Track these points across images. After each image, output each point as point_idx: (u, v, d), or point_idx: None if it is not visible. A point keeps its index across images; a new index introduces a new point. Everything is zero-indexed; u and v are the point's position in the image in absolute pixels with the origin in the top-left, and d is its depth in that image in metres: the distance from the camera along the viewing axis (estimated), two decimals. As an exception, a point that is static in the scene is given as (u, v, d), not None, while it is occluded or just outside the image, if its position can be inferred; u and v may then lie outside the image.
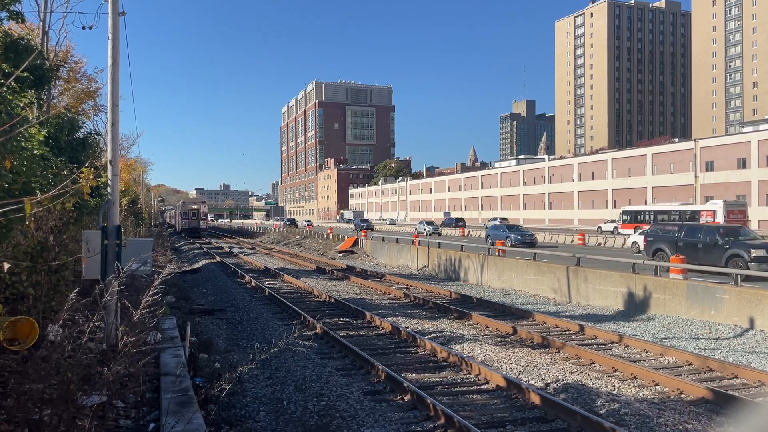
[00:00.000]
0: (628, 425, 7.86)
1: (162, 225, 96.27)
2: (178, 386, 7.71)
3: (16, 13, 12.63)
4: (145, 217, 57.08)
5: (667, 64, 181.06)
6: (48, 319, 9.04)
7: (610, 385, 9.81)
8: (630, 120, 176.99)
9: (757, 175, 64.59)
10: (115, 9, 10.42)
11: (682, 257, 18.02)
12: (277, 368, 10.68)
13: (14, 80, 8.96)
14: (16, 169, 7.25)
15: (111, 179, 10.50)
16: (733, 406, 8.40)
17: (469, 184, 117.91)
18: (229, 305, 18.69)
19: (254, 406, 8.83)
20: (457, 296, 19.97)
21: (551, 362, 11.28)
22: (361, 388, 9.62)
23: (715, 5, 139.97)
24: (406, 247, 33.74)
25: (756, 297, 14.20)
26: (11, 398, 5.82)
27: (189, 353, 10.22)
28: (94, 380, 6.24)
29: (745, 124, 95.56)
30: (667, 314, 16.04)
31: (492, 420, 8.17)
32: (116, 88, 10.54)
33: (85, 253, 9.83)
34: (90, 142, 15.24)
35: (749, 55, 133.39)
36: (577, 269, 19.65)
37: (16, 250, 9.20)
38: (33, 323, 8.87)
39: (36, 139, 8.92)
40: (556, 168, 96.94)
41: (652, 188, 77.50)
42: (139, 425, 6.95)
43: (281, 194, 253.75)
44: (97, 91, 28.40)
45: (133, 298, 10.61)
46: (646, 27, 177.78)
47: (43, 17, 21.17)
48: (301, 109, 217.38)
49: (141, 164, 70.06)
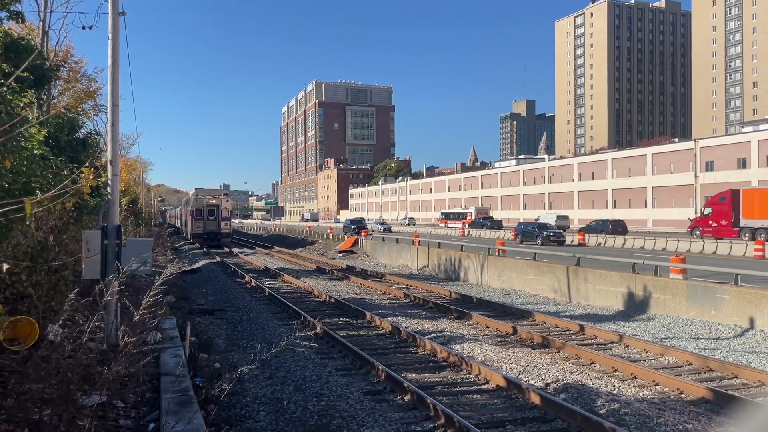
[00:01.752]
0: (628, 425, 7.86)
1: (162, 225, 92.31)
2: (178, 386, 7.71)
3: (16, 13, 12.64)
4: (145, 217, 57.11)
5: (667, 64, 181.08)
6: (48, 319, 9.04)
7: (610, 385, 9.81)
8: (630, 120, 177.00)
9: (757, 175, 64.53)
10: (115, 9, 10.43)
11: (681, 257, 18.03)
12: (277, 368, 10.68)
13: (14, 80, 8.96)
14: (16, 169, 7.25)
15: (111, 179, 10.51)
16: (733, 406, 8.40)
17: (469, 184, 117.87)
18: (229, 305, 18.69)
19: (254, 406, 8.83)
20: (457, 296, 19.97)
21: (551, 362, 11.28)
22: (361, 388, 9.62)
23: (715, 5, 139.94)
24: (406, 247, 33.75)
25: (756, 297, 14.20)
26: (11, 398, 5.82)
27: (189, 353, 10.22)
28: (94, 380, 6.24)
29: (745, 124, 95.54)
30: (667, 314, 16.04)
31: (492, 420, 8.17)
32: (116, 88, 10.54)
33: (85, 253, 9.83)
34: (90, 142, 15.24)
35: (749, 55, 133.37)
36: (577, 269, 19.65)
37: (16, 250, 9.20)
38: (33, 323, 8.88)
39: (36, 139, 8.92)
40: (556, 168, 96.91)
41: (652, 188, 77.48)
42: (139, 425, 6.95)
43: (281, 194, 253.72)
44: (97, 91, 28.41)
45: (133, 298, 10.61)
46: (646, 27, 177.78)
47: (43, 17, 21.18)
48: (301, 109, 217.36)
49: (141, 164, 69.33)
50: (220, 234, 46.25)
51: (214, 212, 46.42)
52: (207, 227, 46.23)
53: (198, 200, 47.12)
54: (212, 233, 46.05)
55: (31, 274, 9.23)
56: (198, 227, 46.69)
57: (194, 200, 48.01)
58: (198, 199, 47.20)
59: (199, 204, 46.67)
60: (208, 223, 46.26)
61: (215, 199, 47.08)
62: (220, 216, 46.51)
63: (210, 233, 46.04)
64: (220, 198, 47.76)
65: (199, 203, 46.71)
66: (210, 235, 45.87)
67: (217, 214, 46.40)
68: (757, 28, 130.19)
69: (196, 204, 46.98)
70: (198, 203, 46.87)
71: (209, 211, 46.39)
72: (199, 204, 46.74)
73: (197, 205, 46.82)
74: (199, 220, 46.66)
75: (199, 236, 46.42)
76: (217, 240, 45.76)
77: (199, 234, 46.62)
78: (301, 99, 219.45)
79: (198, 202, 46.91)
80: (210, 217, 46.31)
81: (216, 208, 46.44)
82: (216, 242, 45.66)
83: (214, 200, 46.81)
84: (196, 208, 46.80)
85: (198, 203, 46.87)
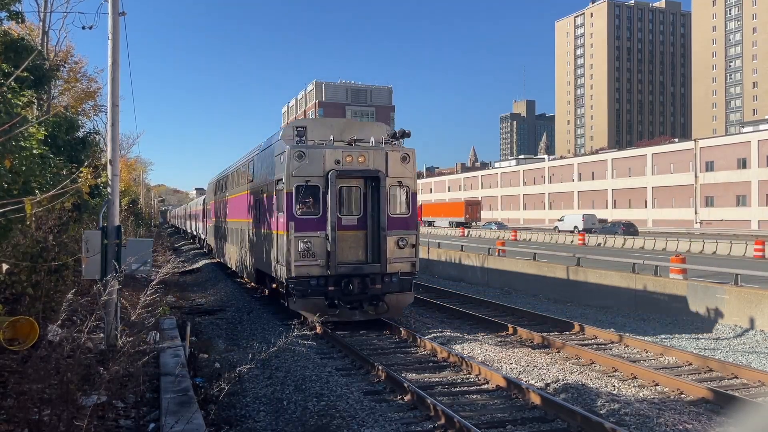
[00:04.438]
0: (628, 425, 7.85)
1: (162, 225, 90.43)
2: (177, 386, 7.71)
3: (16, 13, 12.65)
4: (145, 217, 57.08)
5: (667, 64, 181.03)
6: (48, 319, 9.05)
7: (610, 385, 9.81)
8: (630, 120, 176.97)
9: (757, 175, 64.58)
10: (115, 9, 10.43)
11: (681, 257, 18.01)
12: (277, 368, 10.67)
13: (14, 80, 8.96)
14: (15, 168, 7.25)
15: (111, 179, 10.50)
16: (733, 406, 8.40)
17: (469, 184, 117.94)
18: (229, 305, 18.68)
19: (254, 406, 8.82)
20: (457, 296, 19.96)
21: (551, 362, 11.27)
22: (361, 388, 9.62)
23: (715, 5, 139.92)
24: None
25: (756, 297, 14.20)
26: (11, 398, 5.82)
27: (189, 353, 10.22)
28: (93, 380, 6.24)
29: (745, 124, 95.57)
30: (667, 314, 16.03)
31: (492, 420, 8.17)
32: (116, 88, 10.55)
33: (85, 253, 9.83)
34: (90, 141, 15.25)
35: (749, 55, 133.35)
36: (577, 269, 19.64)
37: (16, 250, 9.20)
38: (33, 323, 8.88)
39: (35, 139, 8.92)
40: (556, 168, 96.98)
41: (652, 188, 77.51)
42: (139, 425, 6.95)
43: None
44: (97, 91, 28.44)
45: (133, 298, 10.62)
46: (646, 27, 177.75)
47: (43, 17, 21.21)
48: (301, 109, 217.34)
49: (141, 164, 69.13)
50: (384, 281, 13.44)
51: (368, 198, 13.54)
52: (346, 257, 13.24)
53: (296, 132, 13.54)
54: (360, 283, 13.26)
55: (31, 274, 9.23)
56: (307, 254, 12.89)
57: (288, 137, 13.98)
58: (299, 130, 13.46)
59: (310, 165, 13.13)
60: (351, 241, 13.38)
61: (364, 151, 13.33)
62: (388, 206, 13.50)
63: (354, 283, 13.20)
64: (382, 149, 13.55)
65: (315, 162, 13.11)
66: (353, 290, 13.18)
67: (375, 202, 13.33)
68: (757, 28, 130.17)
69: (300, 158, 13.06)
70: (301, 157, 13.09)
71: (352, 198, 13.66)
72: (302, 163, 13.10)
73: (298, 166, 13.07)
74: (305, 227, 12.94)
75: (315, 287, 13.19)
76: (374, 304, 13.52)
77: (308, 281, 13.11)
78: (301, 99, 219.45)
79: (296, 151, 13.07)
80: (353, 215, 13.48)
81: (376, 182, 13.26)
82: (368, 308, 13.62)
83: (364, 156, 13.27)
84: (295, 186, 12.87)
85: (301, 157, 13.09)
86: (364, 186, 13.69)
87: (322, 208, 13.14)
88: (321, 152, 13.16)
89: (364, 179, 13.65)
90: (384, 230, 13.25)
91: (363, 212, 13.68)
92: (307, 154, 13.06)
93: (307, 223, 13.07)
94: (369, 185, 13.63)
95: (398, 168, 13.74)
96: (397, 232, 13.61)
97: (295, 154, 12.98)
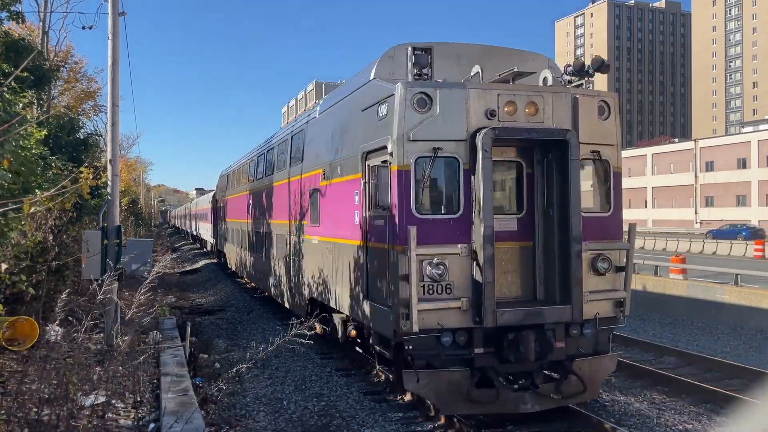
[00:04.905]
0: (628, 425, 7.85)
1: (162, 225, 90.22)
2: (177, 386, 7.71)
3: (16, 14, 12.67)
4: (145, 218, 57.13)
5: (667, 64, 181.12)
6: (48, 319, 9.05)
7: (611, 384, 9.80)
8: (630, 120, 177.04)
9: (757, 175, 64.59)
10: (115, 9, 10.44)
11: (681, 257, 18.03)
12: (277, 368, 10.67)
13: (14, 80, 8.97)
14: (15, 168, 7.26)
15: (111, 179, 10.51)
16: (733, 406, 8.39)
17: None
18: (229, 305, 18.69)
19: (254, 406, 8.82)
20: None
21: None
22: (361, 388, 9.61)
23: (715, 5, 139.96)
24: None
25: (756, 297, 14.20)
26: (11, 398, 5.82)
27: (189, 353, 10.23)
28: (93, 380, 6.24)
29: (745, 124, 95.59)
30: (667, 314, 16.03)
31: (492, 420, 8.15)
32: (116, 88, 10.56)
33: (85, 253, 9.84)
34: (90, 142, 15.28)
35: (749, 55, 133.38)
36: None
37: (16, 250, 9.21)
38: (33, 323, 8.89)
39: (34, 138, 8.93)
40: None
41: (652, 188, 77.54)
42: (139, 425, 6.94)
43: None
44: (98, 91, 28.48)
45: (133, 298, 10.62)
46: (646, 27, 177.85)
47: (43, 17, 21.24)
48: (301, 109, 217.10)
49: (141, 164, 69.16)
50: (572, 334, 7.77)
51: (537, 182, 8.02)
52: (505, 291, 7.83)
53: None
54: (539, 339, 7.40)
55: (31, 274, 9.24)
56: (438, 287, 7.32)
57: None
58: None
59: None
60: (508, 262, 7.92)
61: (535, 94, 7.68)
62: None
63: (528, 340, 7.30)
64: (567, 91, 7.97)
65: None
66: (525, 353, 7.28)
67: (558, 189, 7.73)
68: (757, 28, 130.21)
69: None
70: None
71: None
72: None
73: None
74: (433, 236, 7.37)
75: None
76: (557, 379, 7.58)
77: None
78: (301, 99, 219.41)
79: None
80: (508, 212, 8.14)
81: (562, 152, 7.63)
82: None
83: (535, 104, 7.63)
84: (415, 159, 7.38)
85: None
86: (527, 160, 8.03)
87: (463, 202, 7.44)
88: (462, 95, 7.45)
89: (530, 148, 7.97)
90: (577, 242, 7.46)
91: (527, 209, 8.04)
92: (436, 98, 7.39)
93: (435, 228, 7.38)
94: (540, 159, 7.96)
95: (594, 127, 7.96)
96: (594, 244, 7.92)
97: (415, 99, 7.36)
